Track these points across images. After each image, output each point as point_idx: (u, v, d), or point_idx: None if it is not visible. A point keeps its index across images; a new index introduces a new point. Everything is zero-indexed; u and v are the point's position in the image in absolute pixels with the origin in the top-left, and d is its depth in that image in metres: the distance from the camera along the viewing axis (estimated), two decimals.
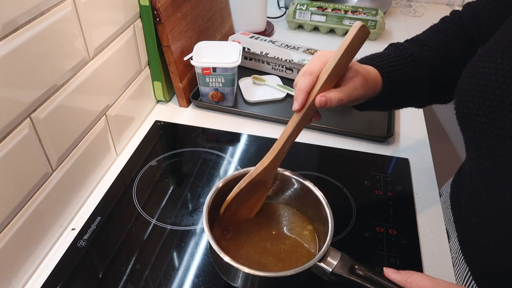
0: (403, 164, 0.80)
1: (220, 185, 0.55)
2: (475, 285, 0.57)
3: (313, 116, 0.53)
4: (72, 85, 0.63)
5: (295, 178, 0.58)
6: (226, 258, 0.46)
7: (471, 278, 0.58)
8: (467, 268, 0.59)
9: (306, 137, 0.86)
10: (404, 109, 0.96)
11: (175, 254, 0.63)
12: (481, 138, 0.48)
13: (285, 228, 0.59)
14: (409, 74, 0.60)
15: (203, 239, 0.65)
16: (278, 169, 0.57)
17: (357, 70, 0.53)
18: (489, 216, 0.52)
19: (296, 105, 0.50)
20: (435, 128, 1.24)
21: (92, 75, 0.68)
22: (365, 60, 0.61)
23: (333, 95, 0.49)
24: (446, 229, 0.69)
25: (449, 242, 0.67)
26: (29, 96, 0.54)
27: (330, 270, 0.46)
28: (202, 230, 0.66)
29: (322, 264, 0.46)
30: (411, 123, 0.92)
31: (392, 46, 0.64)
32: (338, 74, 0.50)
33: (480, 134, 0.48)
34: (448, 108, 1.25)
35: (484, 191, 0.51)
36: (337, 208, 0.57)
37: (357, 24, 0.46)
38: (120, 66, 0.77)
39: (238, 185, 0.53)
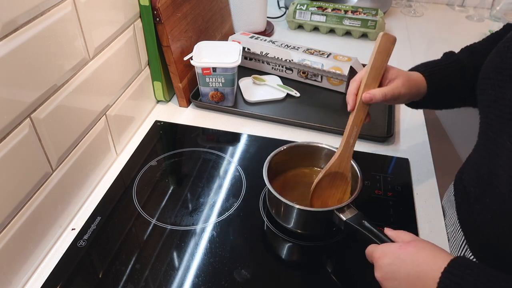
0: (403, 164, 0.80)
1: (281, 149, 0.69)
2: (470, 254, 0.60)
3: (366, 116, 0.63)
4: (72, 85, 0.63)
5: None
6: (285, 200, 0.61)
7: (466, 246, 0.62)
8: (463, 237, 0.63)
9: (307, 137, 0.87)
10: (404, 109, 0.96)
11: (175, 254, 0.63)
12: (489, 110, 0.53)
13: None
14: (454, 77, 0.68)
15: (203, 239, 0.65)
16: (326, 146, 0.71)
17: (397, 72, 0.63)
18: (486, 184, 0.55)
19: (349, 107, 0.62)
20: (435, 128, 1.24)
21: (92, 75, 0.68)
22: (412, 68, 0.69)
23: (377, 91, 0.60)
24: (443, 206, 0.73)
25: (444, 219, 0.70)
26: (29, 96, 0.54)
27: (345, 219, 0.58)
28: (202, 230, 0.66)
29: (339, 214, 0.58)
30: (411, 123, 0.92)
31: (444, 54, 0.71)
32: (377, 75, 0.61)
33: (489, 107, 0.53)
34: None
35: (484, 161, 0.55)
36: None
37: (380, 34, 0.60)
38: (120, 66, 0.77)
39: (317, 177, 0.64)
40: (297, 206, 0.61)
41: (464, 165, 0.68)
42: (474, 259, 0.59)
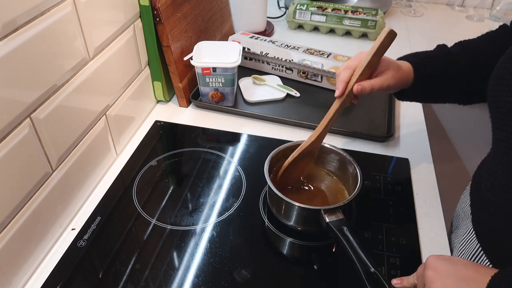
0: (403, 164, 0.80)
1: (281, 148, 0.71)
2: (488, 263, 0.60)
3: (352, 100, 0.65)
4: (72, 85, 0.63)
5: (339, 153, 0.71)
6: (286, 198, 0.62)
7: (480, 256, 0.61)
8: (477, 246, 0.62)
9: (306, 136, 0.86)
10: (404, 109, 0.96)
11: (175, 254, 0.63)
12: (507, 118, 0.52)
13: (323, 187, 0.72)
14: (443, 70, 0.68)
15: (203, 239, 0.65)
16: (327, 144, 0.72)
17: (388, 63, 0.64)
18: (509, 194, 0.54)
19: (337, 93, 0.63)
20: (435, 128, 1.24)
21: (92, 75, 0.68)
22: (403, 57, 0.70)
23: (367, 84, 0.62)
24: (452, 221, 0.73)
25: (452, 232, 0.70)
26: (29, 96, 0.54)
27: (328, 221, 0.59)
28: (202, 230, 0.66)
29: (324, 214, 0.59)
30: (411, 123, 0.92)
31: (437, 46, 0.71)
32: (371, 68, 0.62)
33: (507, 114, 0.52)
34: (448, 108, 1.25)
35: (506, 169, 0.55)
36: None
37: (386, 29, 0.59)
38: (120, 66, 0.77)
39: (292, 155, 0.68)
40: (297, 204, 0.61)
41: (481, 175, 0.66)
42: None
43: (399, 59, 0.69)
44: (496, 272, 0.44)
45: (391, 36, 0.60)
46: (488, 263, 0.59)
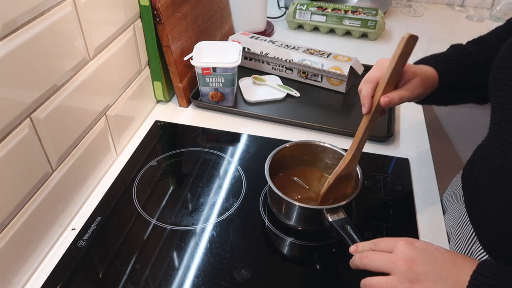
0: (403, 164, 0.80)
1: (281, 148, 0.70)
2: (479, 246, 0.60)
3: (380, 113, 0.61)
4: (72, 85, 0.63)
5: (339, 153, 0.70)
6: (285, 197, 0.62)
7: (474, 240, 0.61)
8: (471, 230, 0.62)
9: (307, 137, 0.86)
10: (404, 109, 0.96)
11: (175, 254, 0.63)
12: (506, 101, 0.53)
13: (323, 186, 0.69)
14: (466, 72, 0.66)
15: (203, 239, 0.65)
16: (328, 145, 0.72)
17: (415, 71, 0.60)
18: (500, 176, 0.55)
19: (364, 110, 0.59)
20: (435, 128, 1.24)
21: (92, 75, 0.68)
22: (423, 61, 0.67)
23: (395, 94, 0.57)
24: (444, 200, 0.74)
25: (445, 215, 0.71)
26: (29, 96, 0.54)
27: (330, 220, 0.59)
28: (202, 230, 0.66)
29: (327, 214, 0.59)
30: (411, 123, 0.92)
31: (452, 46, 0.69)
32: (396, 78, 0.58)
33: (506, 98, 0.52)
34: (448, 108, 1.25)
35: (499, 152, 0.55)
36: None
37: (405, 36, 0.53)
38: (120, 66, 0.77)
39: (327, 181, 0.66)
40: (298, 204, 0.61)
41: (474, 158, 0.67)
42: (484, 253, 0.59)
43: (417, 63, 0.67)
44: (474, 270, 0.43)
45: (412, 41, 0.54)
46: (480, 247, 0.60)
